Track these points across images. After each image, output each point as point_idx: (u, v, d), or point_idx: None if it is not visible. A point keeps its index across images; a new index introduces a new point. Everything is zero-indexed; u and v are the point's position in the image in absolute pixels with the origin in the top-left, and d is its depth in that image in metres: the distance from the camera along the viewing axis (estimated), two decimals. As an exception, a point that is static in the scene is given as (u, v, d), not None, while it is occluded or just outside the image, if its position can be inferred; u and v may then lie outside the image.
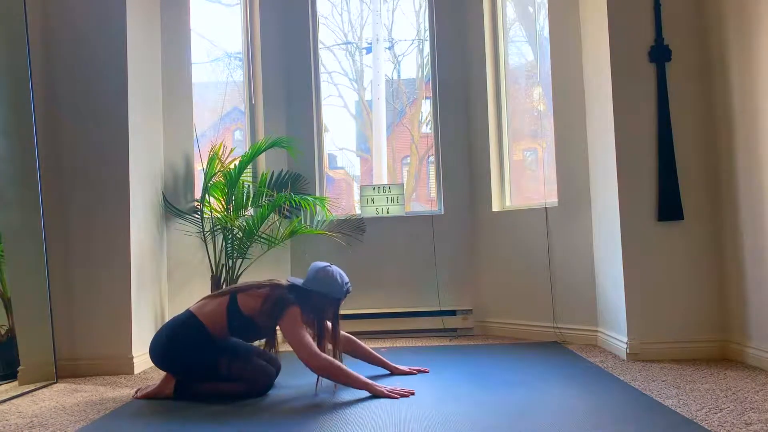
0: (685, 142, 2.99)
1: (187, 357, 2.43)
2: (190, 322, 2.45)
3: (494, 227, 3.96)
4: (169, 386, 2.47)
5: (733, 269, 2.86)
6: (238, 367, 2.43)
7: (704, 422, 1.89)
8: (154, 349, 2.48)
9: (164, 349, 2.45)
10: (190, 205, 3.67)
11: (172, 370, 2.48)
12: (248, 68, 4.09)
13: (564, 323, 3.57)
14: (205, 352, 2.43)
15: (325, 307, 2.48)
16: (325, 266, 2.52)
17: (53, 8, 3.12)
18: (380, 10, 5.06)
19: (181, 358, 2.44)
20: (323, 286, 2.47)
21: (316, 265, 2.54)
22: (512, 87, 4.08)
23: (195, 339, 2.43)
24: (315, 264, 2.56)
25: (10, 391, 2.67)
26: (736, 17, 2.77)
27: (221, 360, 2.42)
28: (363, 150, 5.48)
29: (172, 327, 2.48)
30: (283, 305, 2.40)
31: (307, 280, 2.50)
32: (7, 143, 2.94)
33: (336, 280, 2.49)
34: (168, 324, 2.52)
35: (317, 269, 2.51)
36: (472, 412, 2.10)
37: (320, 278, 2.48)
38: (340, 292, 2.50)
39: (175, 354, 2.44)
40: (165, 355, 2.45)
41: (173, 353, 2.44)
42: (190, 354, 2.43)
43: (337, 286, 2.49)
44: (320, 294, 2.46)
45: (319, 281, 2.47)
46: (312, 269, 2.53)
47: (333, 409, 2.20)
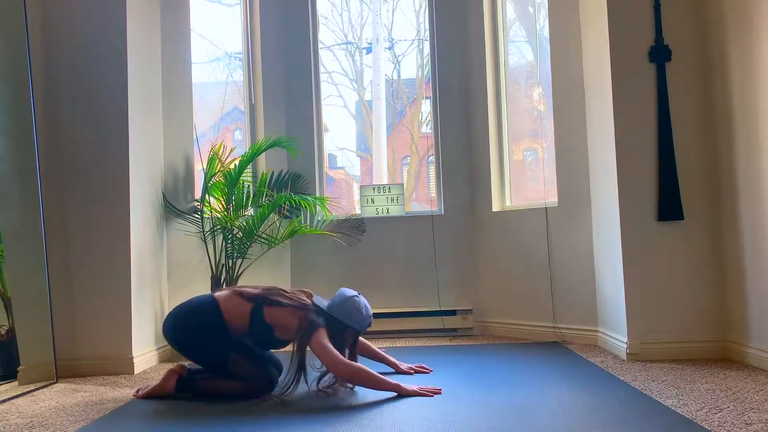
0: (685, 142, 3.00)
1: (200, 341, 2.43)
2: (211, 309, 2.44)
3: (494, 227, 3.96)
4: (170, 382, 2.47)
5: (733, 269, 2.86)
6: (245, 366, 2.42)
7: (704, 422, 1.89)
8: (171, 323, 2.47)
9: (179, 327, 2.44)
10: (190, 205, 3.67)
11: (182, 349, 2.46)
12: (248, 68, 4.09)
13: (564, 323, 3.57)
14: (217, 343, 2.42)
15: (345, 335, 2.48)
16: (354, 296, 2.52)
17: (53, 8, 3.12)
18: (380, 10, 5.06)
19: (193, 340, 2.43)
20: (347, 315, 2.47)
21: (344, 293, 2.54)
22: (512, 87, 4.08)
23: (211, 327, 2.42)
24: (343, 291, 2.55)
25: (10, 391, 2.67)
26: (736, 17, 2.77)
27: (231, 354, 2.42)
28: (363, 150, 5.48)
29: (193, 308, 2.47)
30: (311, 329, 2.40)
31: (333, 305, 2.50)
32: (7, 143, 2.94)
33: (361, 312, 2.49)
34: (190, 303, 2.51)
35: (345, 297, 2.51)
36: (472, 412, 2.10)
37: (346, 307, 2.48)
38: (362, 325, 2.50)
39: (189, 335, 2.43)
40: (177, 332, 2.45)
41: (187, 334, 2.43)
42: (203, 339, 2.42)
43: (361, 318, 2.49)
44: (342, 322, 2.47)
45: (345, 310, 2.47)
46: (339, 296, 2.52)
47: (334, 409, 2.20)
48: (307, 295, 2.55)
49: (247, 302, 2.46)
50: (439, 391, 2.37)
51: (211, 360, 2.46)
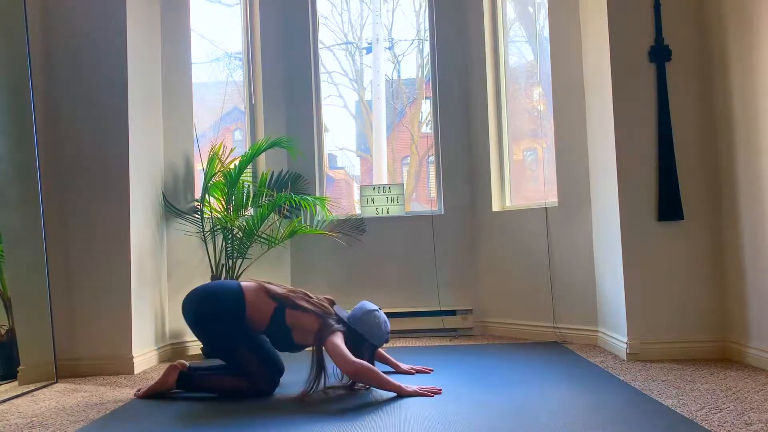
0: (685, 142, 3.00)
1: (216, 325, 2.43)
2: (236, 299, 2.44)
3: (494, 227, 3.96)
4: (171, 377, 2.48)
5: (733, 269, 2.86)
6: (252, 362, 2.42)
7: (704, 422, 1.89)
8: (194, 301, 2.47)
9: (201, 306, 2.44)
10: (190, 205, 3.67)
11: (197, 328, 2.46)
12: (248, 68, 4.09)
13: (564, 323, 3.57)
14: (232, 331, 2.43)
15: (361, 348, 2.48)
16: (374, 310, 2.53)
17: (53, 8, 3.12)
18: (380, 10, 5.06)
19: (210, 322, 2.44)
20: (367, 328, 2.48)
21: (365, 306, 2.55)
22: (512, 87, 4.08)
23: (231, 315, 2.43)
24: (364, 304, 2.56)
25: (10, 391, 2.67)
26: (736, 17, 2.77)
27: (241, 347, 2.42)
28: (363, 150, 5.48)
29: (217, 292, 2.48)
30: (329, 331, 2.41)
31: (353, 317, 2.51)
32: (7, 143, 2.94)
33: (380, 327, 2.51)
34: (216, 286, 2.52)
35: (365, 311, 2.52)
36: (472, 412, 2.10)
37: (366, 321, 2.49)
38: (379, 340, 2.52)
39: (208, 317, 2.44)
40: (197, 311, 2.45)
41: (207, 315, 2.44)
42: (220, 324, 2.43)
43: (380, 333, 2.50)
44: (360, 335, 2.47)
45: (364, 323, 2.48)
46: (360, 309, 2.54)
47: (334, 409, 2.20)
48: (329, 303, 2.56)
49: (272, 301, 2.47)
50: (440, 391, 2.37)
51: (221, 346, 2.45)
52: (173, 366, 2.51)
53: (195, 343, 3.59)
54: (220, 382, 2.46)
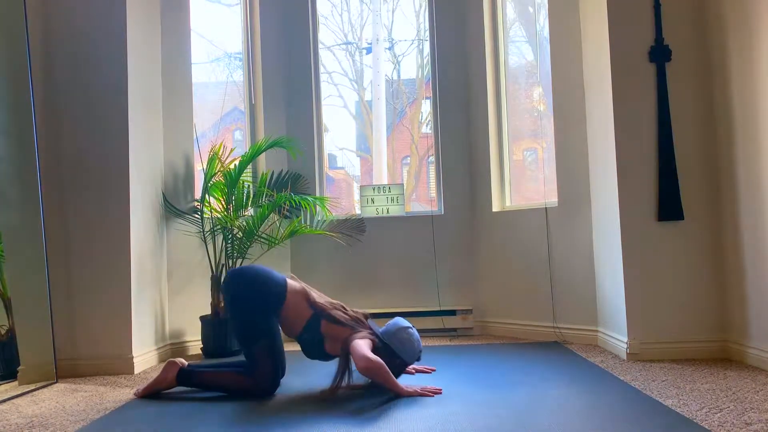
0: (685, 142, 2.99)
1: (250, 308, 2.44)
2: (278, 291, 2.48)
3: (494, 227, 3.96)
4: (171, 373, 2.48)
5: (733, 269, 2.86)
6: (266, 358, 2.42)
7: (704, 422, 1.89)
8: (240, 277, 2.49)
9: (244, 284, 2.46)
10: (190, 205, 3.67)
11: (232, 304, 2.47)
12: (248, 68, 4.09)
13: (564, 323, 3.57)
14: (263, 321, 2.44)
15: (393, 363, 2.48)
16: (408, 327, 2.53)
17: (53, 8, 3.12)
18: (380, 10, 5.06)
19: (246, 302, 2.45)
20: (399, 344, 2.48)
21: (398, 323, 2.55)
22: (512, 87, 4.08)
23: (267, 307, 2.46)
24: (398, 320, 2.57)
25: (10, 391, 2.67)
26: (736, 17, 2.77)
27: (265, 339, 2.42)
28: (363, 150, 5.48)
29: (266, 279, 2.49)
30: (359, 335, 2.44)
31: (386, 332, 2.51)
32: (7, 143, 2.94)
33: (413, 344, 2.51)
34: (266, 273, 2.52)
35: (399, 327, 2.52)
36: (472, 411, 2.10)
37: (399, 337, 2.49)
38: (411, 357, 2.52)
39: (246, 297, 2.45)
40: (239, 287, 2.46)
41: (246, 295, 2.45)
42: (254, 309, 2.44)
43: (412, 350, 2.51)
44: (392, 351, 2.47)
45: (398, 339, 2.49)
46: (394, 324, 2.54)
47: (334, 408, 2.20)
48: (364, 317, 2.57)
49: (309, 308, 2.49)
50: (440, 391, 2.37)
51: (247, 332, 2.45)
52: (172, 362, 2.51)
53: (195, 343, 3.59)
54: (221, 378, 2.46)
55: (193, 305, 3.60)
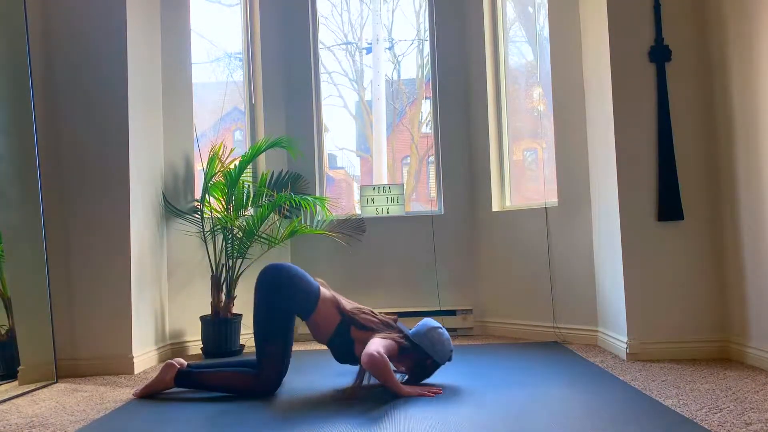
0: (685, 142, 3.00)
1: (282, 309, 2.44)
2: (312, 296, 2.48)
3: (494, 227, 3.96)
4: (169, 375, 2.47)
5: (733, 269, 2.86)
6: (277, 357, 2.42)
7: (704, 422, 1.89)
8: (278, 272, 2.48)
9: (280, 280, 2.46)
10: (190, 205, 3.67)
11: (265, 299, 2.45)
12: (248, 68, 4.09)
13: (564, 323, 3.57)
14: (289, 323, 2.46)
15: (425, 365, 2.49)
16: (438, 327, 2.52)
17: (53, 8, 3.12)
18: (380, 10, 5.06)
19: (277, 297, 2.44)
20: (431, 345, 2.47)
21: (428, 323, 2.54)
22: (512, 87, 4.08)
23: (300, 309, 2.47)
24: (427, 321, 2.56)
25: (10, 391, 2.67)
26: (736, 17, 2.77)
27: (283, 339, 2.43)
28: (363, 150, 5.48)
29: (300, 282, 2.48)
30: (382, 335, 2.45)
31: (417, 333, 2.50)
32: (7, 142, 2.94)
33: (444, 344, 2.49)
34: (301, 277, 2.51)
35: (429, 328, 2.51)
36: (471, 411, 2.10)
37: (430, 337, 2.48)
38: (443, 357, 2.50)
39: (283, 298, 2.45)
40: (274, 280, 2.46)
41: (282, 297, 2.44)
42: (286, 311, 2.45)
43: (443, 350, 2.49)
44: (424, 352, 2.47)
45: (429, 339, 2.47)
46: (423, 325, 2.53)
47: (334, 408, 2.20)
48: (393, 320, 2.57)
49: (338, 314, 2.49)
50: (440, 391, 2.37)
51: (269, 327, 2.44)
52: (170, 364, 2.50)
53: (195, 343, 3.59)
54: (222, 378, 2.45)
55: (193, 305, 3.60)
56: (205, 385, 2.47)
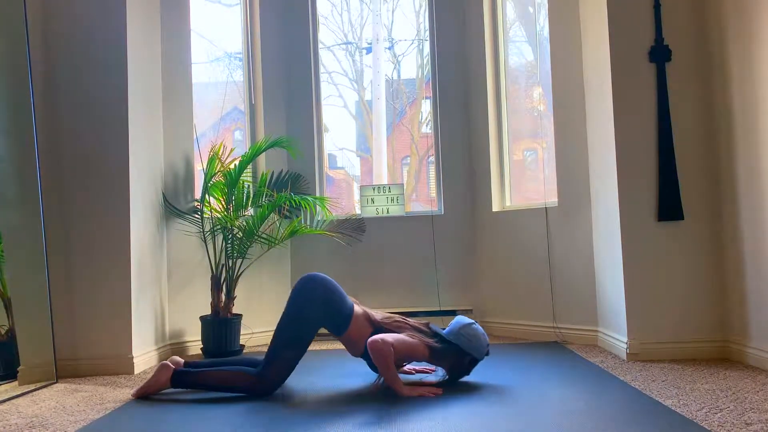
0: (685, 142, 3.00)
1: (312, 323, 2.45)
2: (346, 314, 2.47)
3: (494, 227, 3.96)
4: (164, 376, 2.44)
5: (733, 269, 2.86)
6: (286, 367, 2.42)
7: (704, 422, 1.89)
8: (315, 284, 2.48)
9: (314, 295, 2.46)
10: (190, 205, 3.67)
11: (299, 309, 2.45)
12: (248, 68, 4.09)
13: (564, 323, 3.57)
14: (311, 333, 2.46)
15: (463, 363, 2.49)
16: (471, 323, 2.52)
17: (53, 8, 3.12)
18: (380, 10, 5.06)
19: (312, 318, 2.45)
20: (467, 342, 2.47)
21: (461, 320, 2.55)
22: (512, 87, 4.08)
23: (332, 325, 2.48)
24: (461, 319, 2.57)
25: (10, 391, 2.67)
26: (736, 17, 2.77)
27: (298, 350, 2.43)
28: (363, 150, 5.48)
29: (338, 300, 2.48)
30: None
31: (452, 332, 2.50)
32: (7, 143, 2.94)
33: (480, 339, 2.49)
34: (339, 295, 2.51)
35: (462, 325, 2.51)
36: (471, 412, 2.10)
37: (466, 334, 2.48)
38: (480, 353, 2.50)
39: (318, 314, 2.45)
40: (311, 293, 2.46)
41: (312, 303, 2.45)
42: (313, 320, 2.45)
43: (480, 345, 2.49)
44: (461, 350, 2.47)
45: (464, 337, 2.47)
46: (457, 323, 2.53)
47: (334, 408, 2.20)
48: (424, 325, 2.58)
49: (370, 326, 2.49)
50: (440, 392, 2.37)
51: (293, 336, 2.43)
52: (165, 365, 2.48)
53: (195, 343, 3.59)
54: (222, 376, 2.43)
55: (193, 305, 3.60)
56: (203, 384, 2.45)
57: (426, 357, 2.46)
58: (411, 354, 2.43)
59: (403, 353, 2.41)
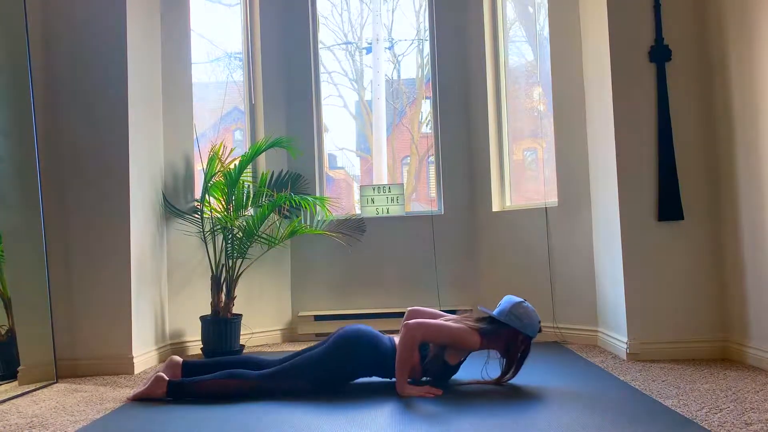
0: (685, 142, 3.00)
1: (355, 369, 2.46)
2: (389, 358, 2.45)
3: (494, 227, 3.96)
4: (161, 386, 2.39)
5: (733, 269, 2.86)
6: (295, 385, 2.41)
7: (704, 422, 1.89)
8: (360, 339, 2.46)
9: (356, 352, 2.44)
10: (190, 205, 3.67)
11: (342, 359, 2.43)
12: (248, 68, 4.09)
13: (564, 323, 3.57)
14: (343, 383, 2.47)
15: (516, 343, 2.46)
16: (521, 302, 2.49)
17: (53, 9, 3.12)
18: (380, 10, 5.06)
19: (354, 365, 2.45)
20: (518, 320, 2.44)
21: (511, 300, 2.51)
22: (512, 87, 4.08)
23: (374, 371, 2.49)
24: (510, 298, 2.53)
25: (10, 391, 2.67)
26: (736, 17, 2.77)
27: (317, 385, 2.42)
28: (363, 150, 5.48)
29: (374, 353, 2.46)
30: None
31: (502, 312, 2.47)
32: (7, 143, 2.94)
33: (531, 317, 2.46)
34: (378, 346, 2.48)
35: (513, 304, 2.48)
36: (471, 412, 2.10)
37: (516, 313, 2.44)
38: (534, 330, 2.47)
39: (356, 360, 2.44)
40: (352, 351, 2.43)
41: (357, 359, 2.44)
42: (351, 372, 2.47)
43: (532, 323, 2.46)
44: (513, 329, 2.44)
45: (515, 315, 2.44)
46: (507, 303, 2.50)
47: (334, 408, 2.20)
48: (465, 312, 2.58)
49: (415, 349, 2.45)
50: (440, 392, 2.37)
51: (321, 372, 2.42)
52: (159, 377, 2.41)
53: (195, 343, 3.59)
54: (218, 387, 2.38)
55: (193, 305, 3.60)
56: (200, 395, 2.38)
57: (479, 344, 2.42)
58: (460, 342, 2.40)
59: (447, 341, 2.39)
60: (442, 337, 2.41)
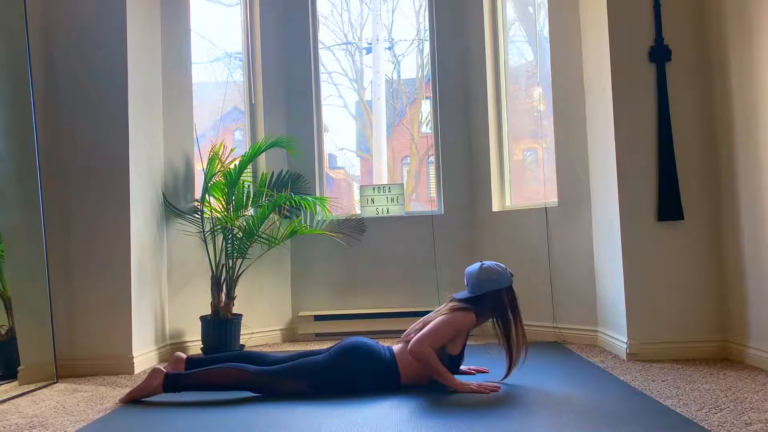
0: (685, 142, 3.00)
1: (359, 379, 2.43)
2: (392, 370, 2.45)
3: (494, 227, 3.96)
4: (156, 381, 2.37)
5: (733, 269, 2.86)
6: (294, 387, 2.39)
7: (704, 422, 1.89)
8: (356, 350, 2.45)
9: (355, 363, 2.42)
10: (190, 205, 3.67)
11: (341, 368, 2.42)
12: (248, 68, 4.09)
13: (564, 323, 3.57)
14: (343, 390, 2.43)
15: (501, 299, 2.46)
16: (480, 265, 2.49)
17: (53, 8, 3.12)
18: (380, 10, 5.06)
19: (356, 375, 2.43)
20: (490, 282, 2.45)
21: (472, 269, 2.51)
22: (512, 87, 4.08)
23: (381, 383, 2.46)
24: (469, 270, 2.53)
25: (10, 391, 2.67)
26: (736, 17, 2.77)
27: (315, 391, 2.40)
28: (363, 150, 5.48)
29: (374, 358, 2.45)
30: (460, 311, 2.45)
31: (474, 285, 2.48)
32: (7, 143, 2.94)
33: (498, 271, 2.47)
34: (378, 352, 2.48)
35: (476, 273, 2.48)
36: (471, 412, 2.10)
37: (484, 279, 2.46)
38: (508, 279, 2.48)
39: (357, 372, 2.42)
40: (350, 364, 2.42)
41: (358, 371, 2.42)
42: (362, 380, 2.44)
43: (502, 275, 2.47)
44: (492, 292, 2.45)
45: (485, 281, 2.46)
46: (471, 275, 2.50)
47: (335, 408, 2.20)
48: (449, 300, 2.57)
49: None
50: (498, 388, 2.38)
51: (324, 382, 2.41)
52: (157, 369, 2.40)
53: (195, 343, 3.59)
54: (216, 375, 2.37)
55: (193, 305, 3.60)
56: (197, 385, 2.37)
57: (474, 321, 2.44)
58: (457, 329, 2.42)
59: (448, 334, 2.40)
60: (446, 335, 2.42)
